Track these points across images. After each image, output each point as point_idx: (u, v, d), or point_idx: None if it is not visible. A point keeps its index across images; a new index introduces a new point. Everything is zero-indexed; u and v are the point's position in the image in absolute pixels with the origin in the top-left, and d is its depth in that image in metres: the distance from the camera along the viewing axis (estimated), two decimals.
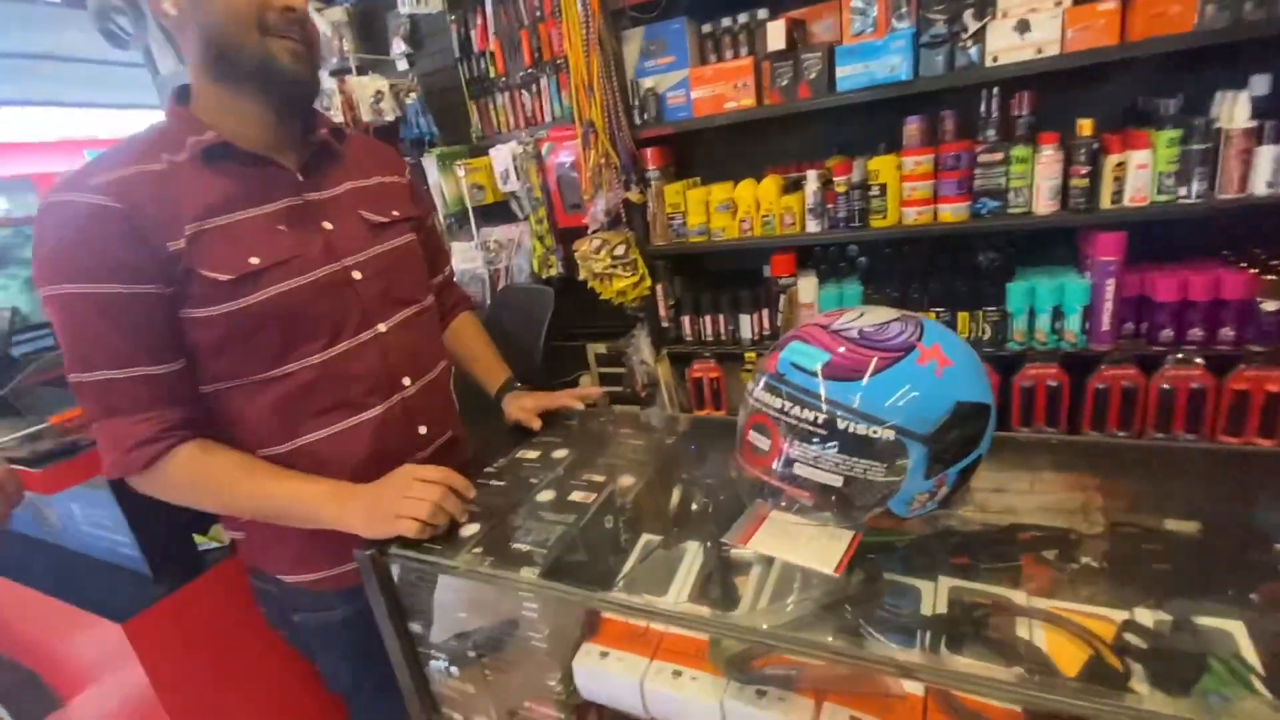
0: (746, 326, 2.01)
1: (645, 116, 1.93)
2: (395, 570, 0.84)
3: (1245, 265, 1.51)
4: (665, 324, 2.14)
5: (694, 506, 0.97)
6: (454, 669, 0.90)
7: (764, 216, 1.87)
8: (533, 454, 1.06)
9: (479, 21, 2.42)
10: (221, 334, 0.80)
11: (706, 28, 1.88)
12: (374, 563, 0.84)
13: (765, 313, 1.99)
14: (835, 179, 1.77)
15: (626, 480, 0.98)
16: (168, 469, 0.80)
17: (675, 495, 1.02)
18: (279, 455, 0.87)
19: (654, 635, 0.77)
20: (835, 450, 0.66)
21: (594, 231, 2.12)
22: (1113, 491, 0.82)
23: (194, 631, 1.19)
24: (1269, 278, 1.45)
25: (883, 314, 0.72)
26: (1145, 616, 0.59)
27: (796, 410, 0.67)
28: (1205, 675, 0.51)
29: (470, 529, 0.85)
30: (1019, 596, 0.65)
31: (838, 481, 0.66)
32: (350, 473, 0.89)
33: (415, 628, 0.90)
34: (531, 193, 2.39)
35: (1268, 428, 1.48)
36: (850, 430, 0.65)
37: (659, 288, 2.08)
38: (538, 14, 2.29)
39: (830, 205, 1.80)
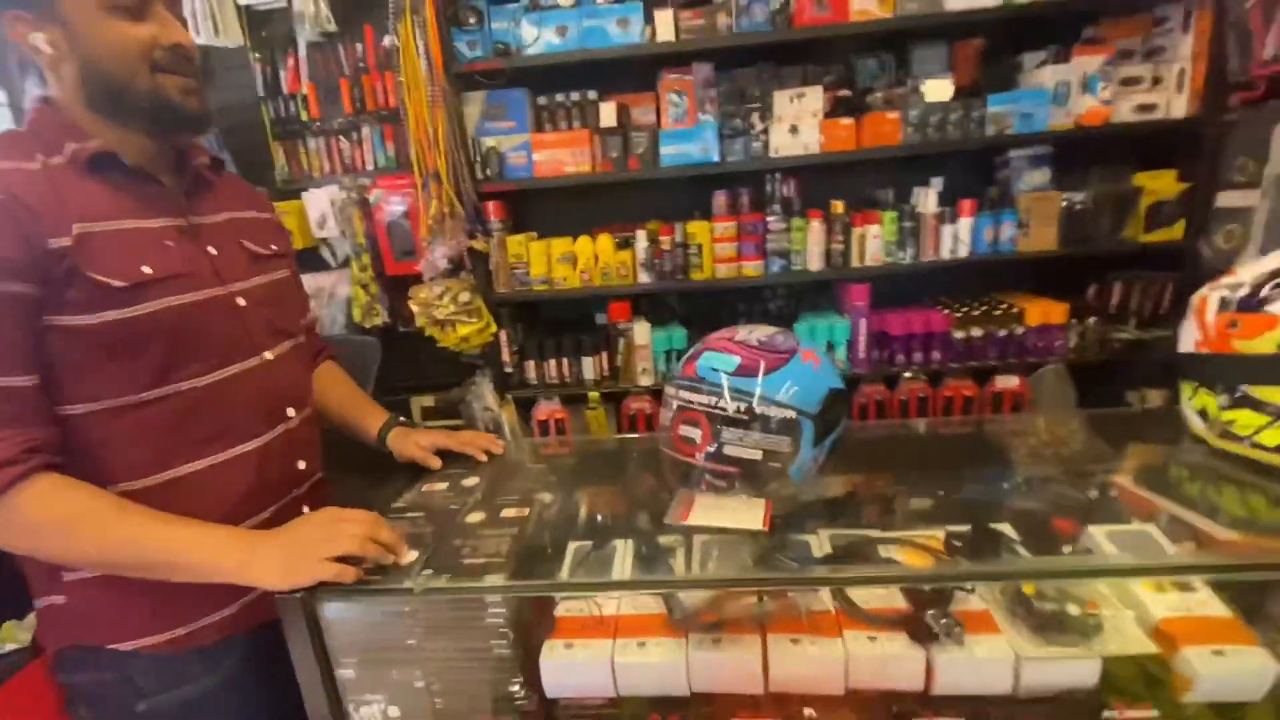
0: (589, 368, 2.18)
1: (488, 172, 2.04)
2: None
3: (941, 307, 2.13)
4: (509, 369, 2.21)
5: (599, 517, 1.09)
6: (393, 709, 0.88)
7: (602, 269, 2.09)
8: (440, 485, 1.08)
9: (290, 64, 2.32)
10: (98, 346, 0.74)
11: (542, 100, 2.08)
12: (303, 606, 0.80)
13: (605, 355, 2.18)
14: (661, 238, 2.07)
15: (546, 497, 1.07)
16: (20, 500, 0.69)
17: (584, 507, 1.13)
18: (144, 489, 0.79)
19: (609, 621, 0.87)
20: (755, 430, 0.85)
21: (431, 279, 2.13)
22: (886, 466, 1.13)
23: None
24: (956, 316, 2.07)
25: (766, 329, 0.95)
26: (956, 530, 0.88)
27: (721, 403, 0.85)
28: (1001, 553, 0.79)
29: (409, 557, 0.86)
30: (875, 533, 0.90)
31: (758, 455, 0.85)
32: (226, 510, 0.84)
33: (346, 674, 0.86)
34: (354, 239, 2.30)
35: (965, 416, 2.08)
36: (763, 413, 0.85)
37: (503, 334, 2.15)
38: (361, 65, 2.28)
39: (658, 260, 2.09)
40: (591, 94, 2.06)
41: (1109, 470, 1.10)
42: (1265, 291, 0.84)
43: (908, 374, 2.12)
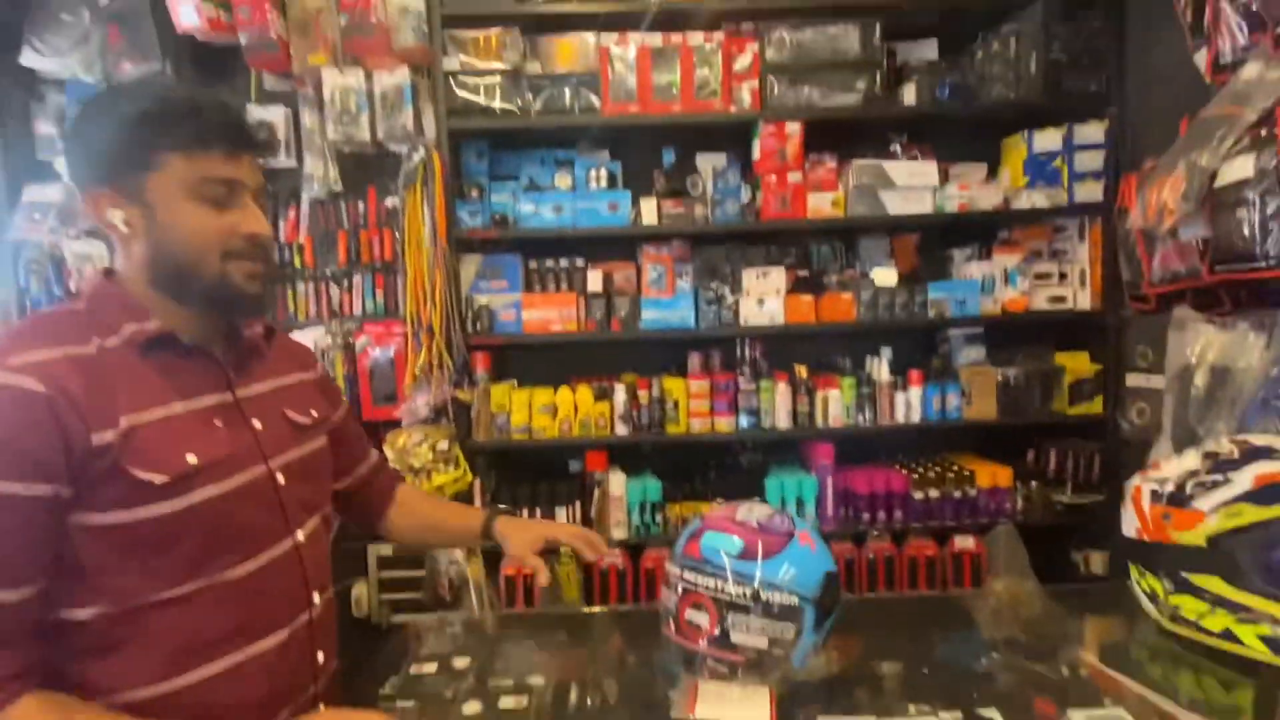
0: (561, 517, 2.17)
1: (478, 327, 2.15)
2: None
3: (900, 467, 2.27)
4: None
5: (590, 700, 1.07)
6: None
7: (581, 419, 2.16)
8: (429, 668, 1.04)
9: (290, 216, 2.46)
10: (129, 543, 0.71)
11: (534, 264, 2.26)
12: None
13: (578, 504, 2.19)
14: (639, 392, 2.18)
15: (538, 680, 1.04)
16: None
17: (579, 692, 1.10)
18: (149, 699, 0.72)
19: None
20: (759, 616, 0.88)
21: (410, 425, 2.15)
22: (870, 638, 1.15)
23: None
24: (914, 476, 2.20)
25: (763, 508, 1.01)
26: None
27: (727, 587, 0.88)
28: None
29: None
30: None
31: (764, 643, 0.88)
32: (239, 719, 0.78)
33: None
34: (334, 382, 2.32)
35: (929, 581, 2.14)
36: (767, 599, 0.88)
37: (477, 482, 2.15)
38: (361, 222, 2.44)
39: (635, 413, 2.18)
40: (580, 261, 2.26)
41: (1076, 646, 1.17)
42: (1189, 489, 0.97)
43: (874, 533, 2.20)
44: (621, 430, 2.18)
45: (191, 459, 0.75)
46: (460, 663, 1.05)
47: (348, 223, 2.47)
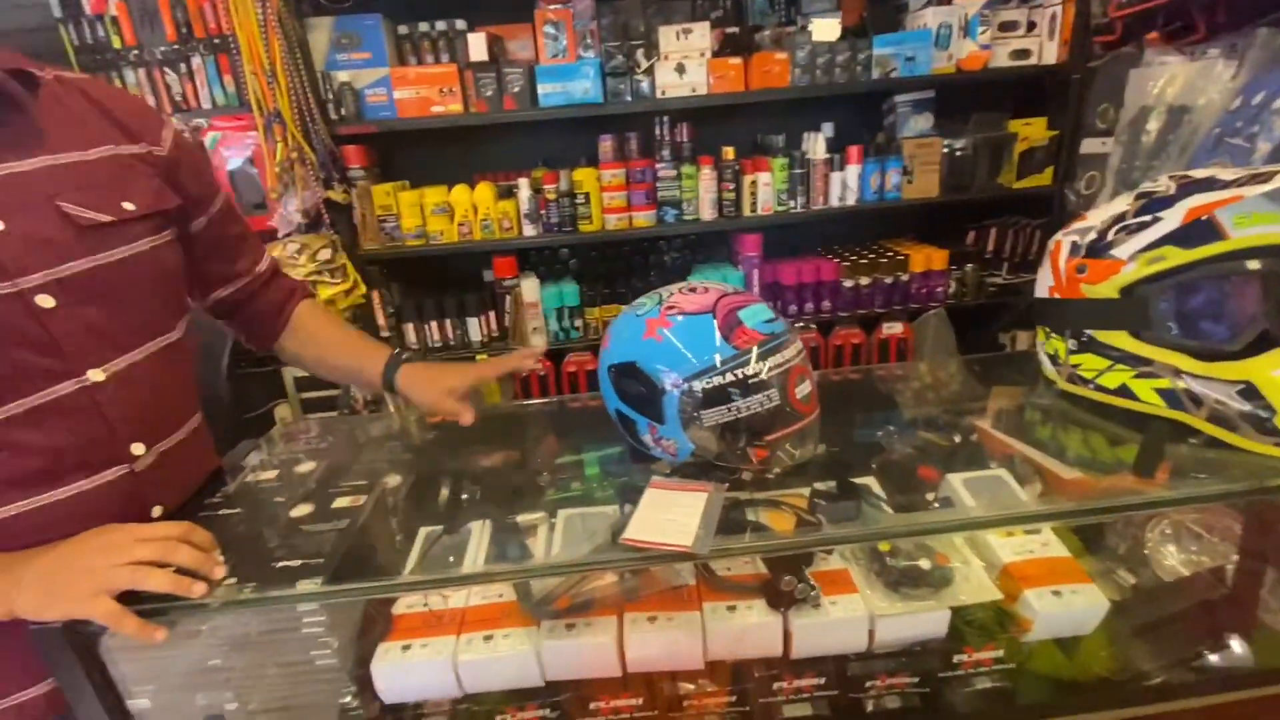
0: (475, 329, 2.04)
1: (343, 112, 1.81)
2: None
3: (831, 256, 2.13)
4: (386, 333, 2.03)
5: (464, 495, 1.00)
6: None
7: (483, 221, 1.93)
8: (269, 474, 0.95)
9: None
10: None
11: (403, 29, 1.85)
12: (70, 642, 0.66)
13: (492, 314, 2.05)
14: (545, 187, 1.93)
15: (393, 480, 0.96)
16: None
17: (444, 487, 1.02)
18: None
19: (455, 614, 0.79)
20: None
21: (286, 235, 1.89)
22: None
23: None
24: (845, 264, 2.07)
25: (702, 283, 0.87)
26: (821, 488, 0.85)
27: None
28: (862, 508, 0.76)
29: (220, 573, 0.72)
30: (744, 495, 0.86)
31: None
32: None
33: (141, 704, 0.74)
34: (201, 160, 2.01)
35: (854, 364, 2.12)
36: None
37: (375, 295, 1.96)
38: None
39: (543, 211, 1.95)
40: (460, 23, 1.85)
41: (975, 415, 1.12)
42: (1111, 235, 0.83)
43: (800, 324, 2.12)
44: (530, 231, 1.97)
45: None
46: (305, 468, 0.95)
47: None
